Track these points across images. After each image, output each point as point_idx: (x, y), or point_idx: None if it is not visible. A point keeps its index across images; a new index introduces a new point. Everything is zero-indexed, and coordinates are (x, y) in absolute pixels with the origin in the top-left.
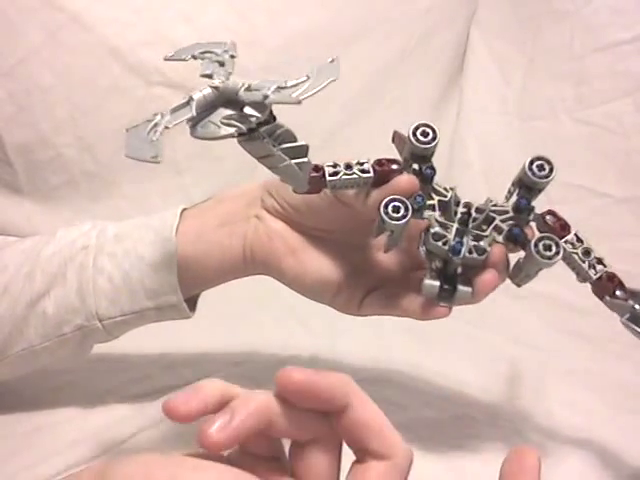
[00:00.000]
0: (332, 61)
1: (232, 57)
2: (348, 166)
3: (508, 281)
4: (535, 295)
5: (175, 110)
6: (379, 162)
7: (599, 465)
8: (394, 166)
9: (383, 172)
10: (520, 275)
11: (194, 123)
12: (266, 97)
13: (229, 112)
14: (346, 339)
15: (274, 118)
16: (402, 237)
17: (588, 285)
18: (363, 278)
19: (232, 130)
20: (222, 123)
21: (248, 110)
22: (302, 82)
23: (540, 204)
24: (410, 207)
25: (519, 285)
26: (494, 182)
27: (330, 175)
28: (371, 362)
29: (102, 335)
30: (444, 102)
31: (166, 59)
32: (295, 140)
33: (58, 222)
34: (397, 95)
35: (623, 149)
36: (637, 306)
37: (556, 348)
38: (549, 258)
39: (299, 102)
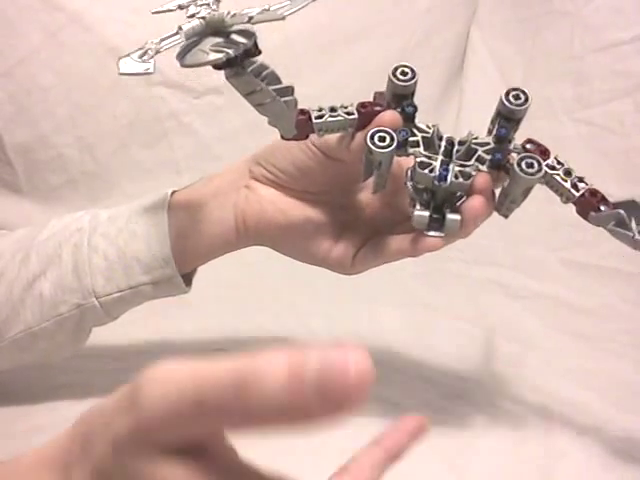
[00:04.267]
0: None
1: (217, 0)
2: (333, 109)
3: (508, 281)
4: (535, 295)
5: (164, 39)
6: (362, 104)
7: (599, 465)
8: (377, 108)
9: (367, 113)
10: (505, 202)
11: (183, 53)
12: (251, 18)
13: (217, 40)
14: (346, 338)
15: (259, 52)
16: (389, 174)
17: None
18: (353, 235)
19: (220, 55)
20: (210, 50)
21: (235, 36)
22: (285, 5)
23: (540, 204)
24: (395, 136)
25: (506, 216)
26: None
27: (316, 118)
28: (371, 362)
29: (99, 315)
30: (444, 102)
31: (154, 12)
32: (281, 82)
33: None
34: None
35: (623, 149)
36: (622, 211)
37: (556, 348)
38: (532, 174)
39: (283, 18)
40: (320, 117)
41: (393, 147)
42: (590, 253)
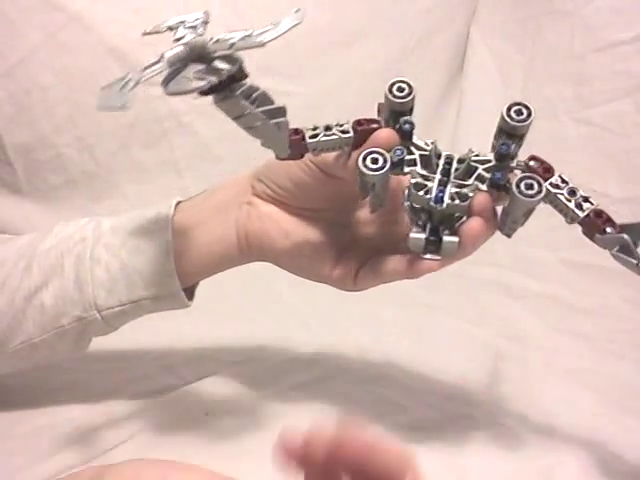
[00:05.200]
0: (297, 11)
1: (205, 23)
2: (328, 128)
3: (508, 281)
4: (535, 295)
5: (147, 67)
6: (359, 122)
7: (599, 465)
8: (374, 125)
9: (363, 131)
10: (507, 222)
11: (167, 80)
12: (232, 44)
13: (200, 67)
14: (346, 339)
15: (246, 75)
16: (386, 193)
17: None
18: (355, 254)
19: (203, 83)
20: (194, 77)
21: (217, 63)
22: (267, 30)
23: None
24: (388, 158)
25: (509, 235)
26: None
27: (310, 137)
28: (371, 362)
29: (101, 326)
30: (444, 102)
31: (145, 34)
32: (272, 103)
33: (58, 222)
34: None
35: (623, 149)
36: (625, 236)
37: (556, 348)
38: (532, 196)
39: (263, 44)
40: (314, 137)
41: (385, 169)
42: (590, 253)
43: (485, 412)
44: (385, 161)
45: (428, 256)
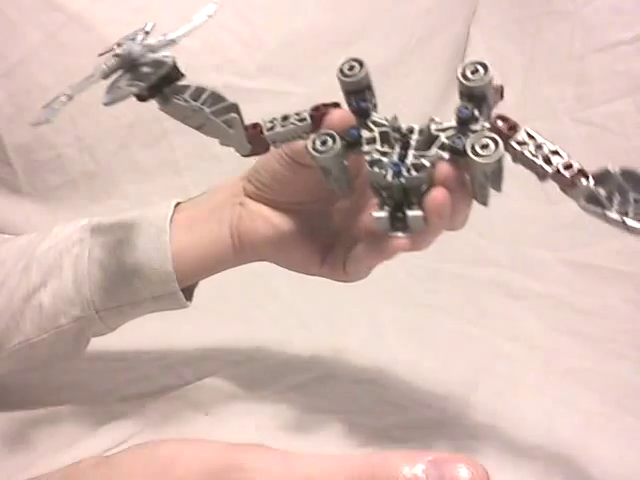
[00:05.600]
0: (209, 5)
1: (147, 33)
2: (285, 118)
3: (508, 281)
4: (535, 295)
5: (81, 82)
6: (316, 108)
7: (599, 465)
8: (330, 109)
9: (320, 116)
10: (475, 188)
11: (106, 91)
12: (150, 46)
13: (130, 75)
14: (346, 339)
15: (181, 74)
16: (345, 176)
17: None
18: (341, 243)
19: (132, 89)
20: (125, 85)
21: (144, 69)
22: (181, 28)
23: (540, 204)
24: (338, 139)
25: (484, 203)
26: None
27: (268, 130)
28: (371, 362)
29: (99, 326)
30: (444, 102)
31: (99, 55)
32: (224, 100)
33: (58, 222)
34: (397, 95)
35: (623, 149)
36: (591, 185)
37: (556, 348)
38: (486, 157)
39: (174, 42)
40: (271, 129)
41: (335, 150)
42: (590, 253)
43: (484, 412)
44: (335, 142)
45: (396, 234)
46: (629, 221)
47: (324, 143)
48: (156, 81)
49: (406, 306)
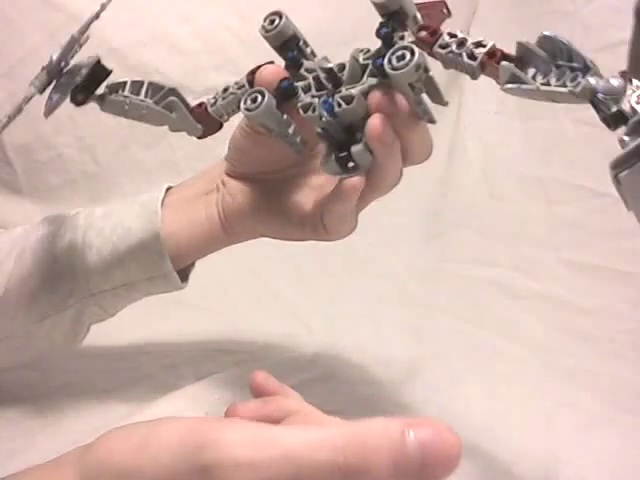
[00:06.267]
0: None
1: (75, 41)
2: (225, 89)
3: (508, 281)
4: (535, 295)
5: (23, 99)
6: (251, 71)
7: (599, 465)
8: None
9: (254, 77)
10: (414, 107)
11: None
12: (65, 51)
13: (56, 84)
14: (346, 339)
15: (108, 71)
16: (286, 130)
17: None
18: (315, 202)
19: (63, 96)
20: (55, 93)
21: (63, 78)
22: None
23: (540, 204)
24: (266, 93)
25: (431, 120)
26: (494, 182)
27: (211, 106)
28: (371, 362)
29: (96, 311)
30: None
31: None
32: (163, 88)
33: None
34: None
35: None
36: (505, 64)
37: (556, 348)
38: (402, 68)
39: (76, 38)
40: (214, 104)
41: (265, 105)
42: (590, 253)
43: (484, 412)
44: (263, 97)
45: (348, 174)
46: (544, 87)
47: (254, 101)
48: (84, 82)
49: (406, 306)
